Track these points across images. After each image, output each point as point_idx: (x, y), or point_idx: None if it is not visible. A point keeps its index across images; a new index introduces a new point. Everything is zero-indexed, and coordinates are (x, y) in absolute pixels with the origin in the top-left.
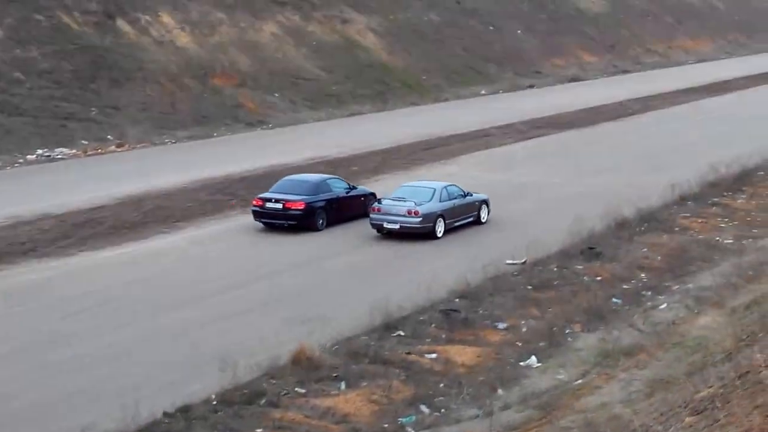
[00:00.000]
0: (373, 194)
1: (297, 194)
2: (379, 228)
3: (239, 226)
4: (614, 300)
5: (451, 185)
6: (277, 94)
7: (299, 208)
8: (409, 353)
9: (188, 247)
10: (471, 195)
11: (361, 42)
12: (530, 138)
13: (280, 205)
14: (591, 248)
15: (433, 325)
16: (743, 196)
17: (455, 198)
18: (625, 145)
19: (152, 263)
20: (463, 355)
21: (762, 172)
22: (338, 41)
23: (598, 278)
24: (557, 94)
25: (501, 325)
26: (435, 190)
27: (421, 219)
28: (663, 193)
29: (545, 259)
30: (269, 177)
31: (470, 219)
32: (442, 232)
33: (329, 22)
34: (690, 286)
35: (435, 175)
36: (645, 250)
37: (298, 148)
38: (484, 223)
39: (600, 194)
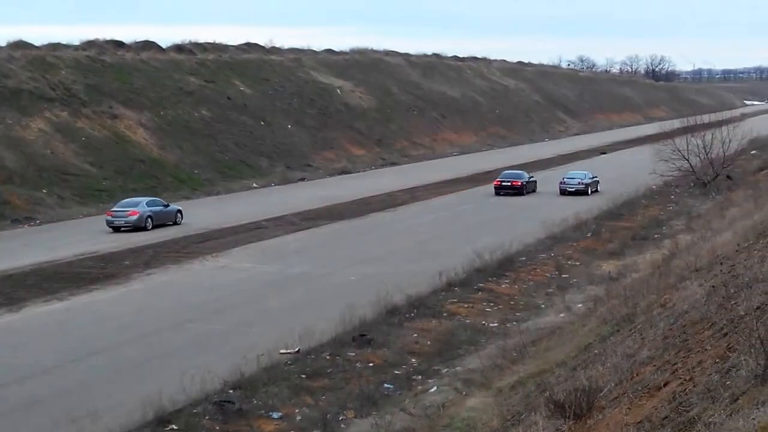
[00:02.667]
0: (536, 180)
1: (515, 178)
2: (564, 191)
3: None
4: (386, 385)
5: (589, 172)
6: (45, 190)
7: (518, 185)
8: None
9: None
10: (596, 177)
11: (132, 137)
12: (302, 230)
13: (510, 183)
14: (363, 335)
15: (207, 417)
16: (507, 281)
17: (591, 178)
18: (394, 234)
19: None
20: None
21: (524, 258)
22: (108, 137)
23: (370, 364)
24: (328, 186)
25: (275, 415)
26: (586, 173)
27: (584, 186)
28: (431, 280)
29: (318, 347)
30: (36, 274)
31: (597, 189)
32: (591, 192)
33: (99, 118)
34: (458, 369)
35: (207, 268)
36: (415, 335)
37: (67, 244)
38: (599, 192)
39: (371, 282)
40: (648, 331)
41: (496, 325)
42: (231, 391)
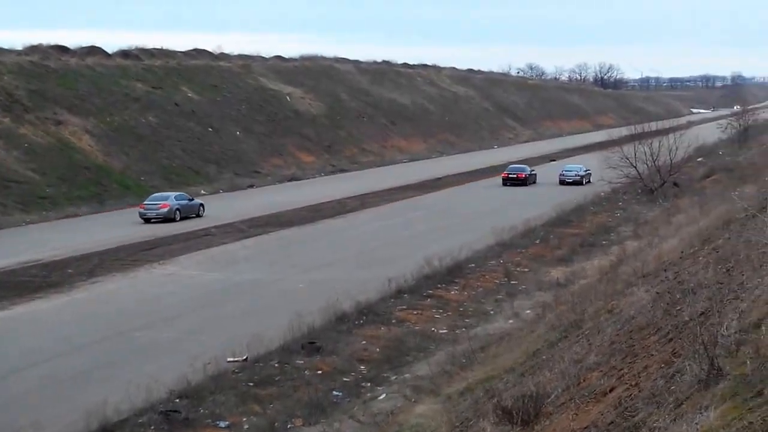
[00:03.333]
0: (536, 174)
1: (520, 171)
2: (563, 182)
3: None
4: (335, 393)
5: (583, 166)
6: None
7: (522, 176)
8: None
9: None
10: (589, 170)
11: (77, 144)
12: (251, 236)
13: (515, 175)
14: (311, 343)
15: (152, 427)
16: (456, 288)
17: (585, 171)
18: (344, 241)
19: None
20: None
21: (473, 264)
22: (52, 143)
23: (319, 372)
24: (277, 193)
25: (222, 424)
26: (581, 167)
27: (579, 177)
28: (380, 287)
29: (266, 355)
30: None
31: (589, 180)
32: (585, 183)
33: (42, 124)
34: (407, 376)
35: (154, 275)
36: (364, 342)
37: (8, 253)
38: (590, 182)
39: (320, 289)
40: (595, 336)
41: (445, 331)
42: (177, 400)
